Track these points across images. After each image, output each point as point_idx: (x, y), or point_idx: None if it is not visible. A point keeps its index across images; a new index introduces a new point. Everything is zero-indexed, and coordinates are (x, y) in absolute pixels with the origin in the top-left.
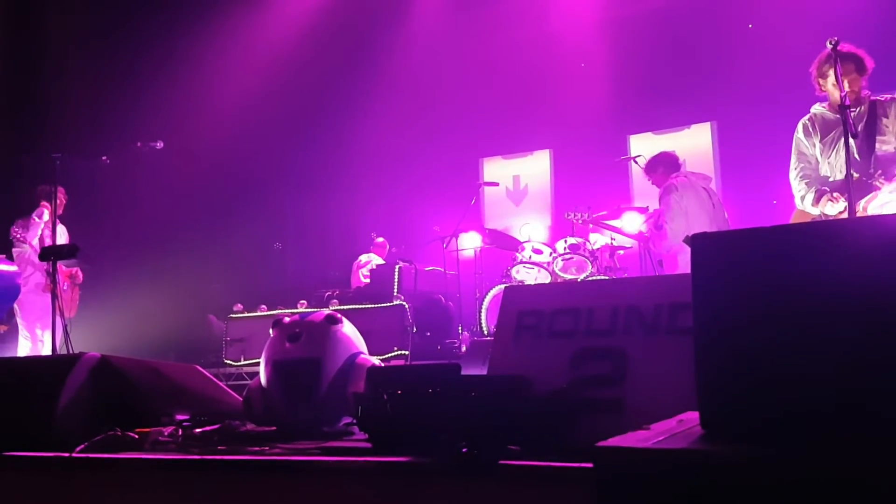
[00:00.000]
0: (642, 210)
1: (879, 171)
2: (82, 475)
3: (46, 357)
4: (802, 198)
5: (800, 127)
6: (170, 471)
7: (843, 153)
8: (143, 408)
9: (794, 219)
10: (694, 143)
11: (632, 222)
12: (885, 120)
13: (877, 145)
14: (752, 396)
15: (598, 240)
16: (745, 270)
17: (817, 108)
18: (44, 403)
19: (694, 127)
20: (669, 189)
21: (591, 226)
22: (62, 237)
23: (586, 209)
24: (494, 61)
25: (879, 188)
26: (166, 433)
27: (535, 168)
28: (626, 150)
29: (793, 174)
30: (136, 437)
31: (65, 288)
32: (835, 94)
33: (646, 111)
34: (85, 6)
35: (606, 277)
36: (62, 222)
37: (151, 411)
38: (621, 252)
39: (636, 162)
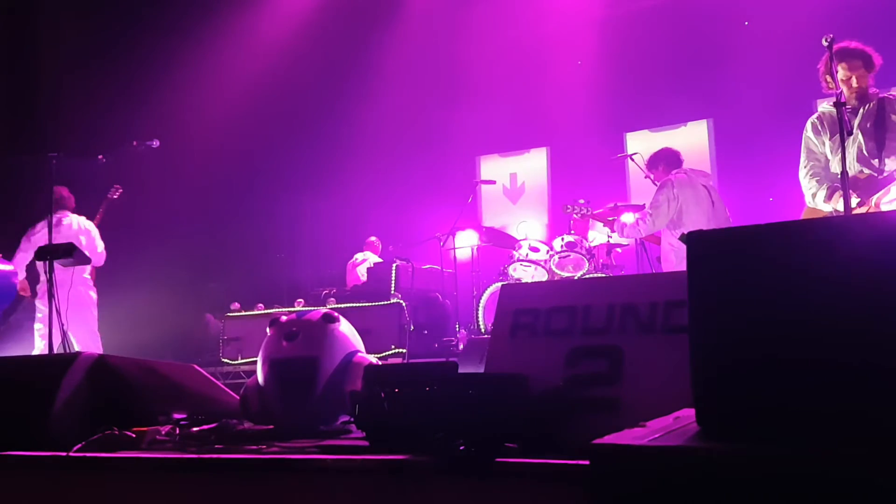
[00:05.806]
0: (639, 208)
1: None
2: (79, 474)
3: (43, 356)
4: (814, 195)
5: (809, 125)
6: (167, 470)
7: (852, 150)
8: (140, 407)
9: (804, 216)
10: (690, 141)
11: (628, 221)
12: (893, 116)
13: (886, 142)
14: (747, 394)
15: (595, 237)
16: (740, 268)
17: (825, 107)
18: (41, 403)
19: (690, 124)
20: (665, 185)
21: (589, 219)
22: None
23: (586, 203)
24: (491, 59)
25: (891, 183)
26: (163, 432)
27: (532, 166)
28: (622, 148)
29: (803, 172)
30: (133, 436)
31: None
32: (844, 91)
33: (642, 109)
34: (80, 5)
35: (603, 275)
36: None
37: (148, 410)
38: (619, 250)
39: (633, 159)
